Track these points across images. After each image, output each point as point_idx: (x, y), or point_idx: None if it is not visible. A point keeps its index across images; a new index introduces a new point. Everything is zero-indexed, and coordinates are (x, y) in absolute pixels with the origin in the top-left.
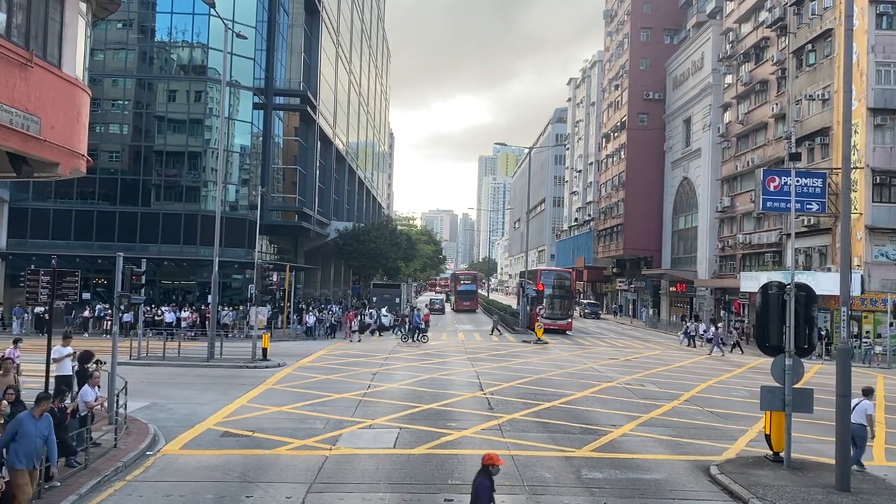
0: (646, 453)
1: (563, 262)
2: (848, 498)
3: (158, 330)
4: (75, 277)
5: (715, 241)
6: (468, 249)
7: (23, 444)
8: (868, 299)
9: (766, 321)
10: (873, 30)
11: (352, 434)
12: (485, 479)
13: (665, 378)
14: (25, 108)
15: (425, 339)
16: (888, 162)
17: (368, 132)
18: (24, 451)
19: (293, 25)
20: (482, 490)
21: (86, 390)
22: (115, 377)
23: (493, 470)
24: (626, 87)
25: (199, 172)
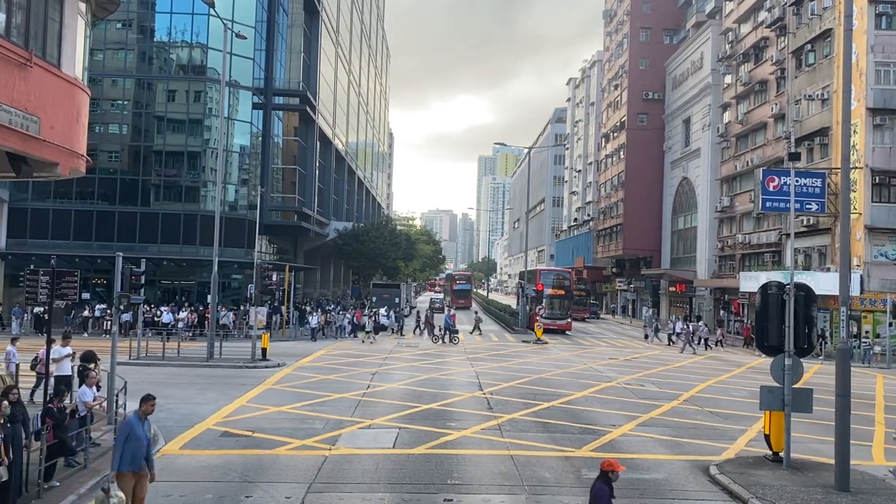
0: (645, 453)
1: (562, 262)
2: (848, 498)
3: (158, 330)
4: (75, 277)
5: (714, 241)
6: (468, 249)
7: (131, 447)
8: (867, 299)
9: (766, 321)
10: (873, 30)
11: (351, 434)
12: (604, 486)
13: (665, 378)
14: (25, 107)
15: (457, 339)
16: (887, 162)
17: (368, 132)
18: (132, 453)
19: (292, 25)
20: (601, 496)
21: (84, 390)
22: (115, 377)
23: (613, 476)
24: (625, 87)
25: (199, 172)
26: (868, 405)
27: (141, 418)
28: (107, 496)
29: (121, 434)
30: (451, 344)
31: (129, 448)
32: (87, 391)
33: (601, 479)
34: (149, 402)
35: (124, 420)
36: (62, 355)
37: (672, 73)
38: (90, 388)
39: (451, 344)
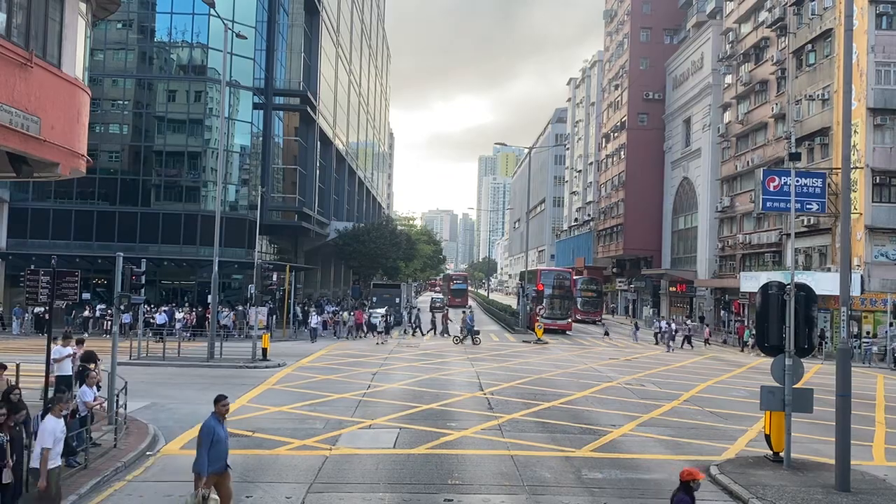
0: (646, 453)
1: (562, 262)
2: (848, 498)
3: (153, 331)
4: (75, 277)
5: (715, 241)
6: (468, 249)
7: (216, 450)
8: (868, 299)
9: (766, 321)
10: (873, 30)
11: (351, 434)
12: (685, 496)
13: (665, 378)
14: (25, 108)
15: (478, 340)
16: (888, 162)
17: (368, 132)
18: (216, 455)
19: (293, 25)
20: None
21: (84, 390)
22: (115, 377)
23: (694, 485)
24: (625, 87)
25: (199, 172)
26: (868, 405)
27: (219, 419)
28: (205, 501)
29: (204, 437)
30: (472, 345)
31: (214, 451)
32: (88, 391)
33: (682, 489)
34: (222, 403)
35: (204, 424)
36: (63, 355)
37: (672, 73)
38: (90, 388)
39: (473, 345)
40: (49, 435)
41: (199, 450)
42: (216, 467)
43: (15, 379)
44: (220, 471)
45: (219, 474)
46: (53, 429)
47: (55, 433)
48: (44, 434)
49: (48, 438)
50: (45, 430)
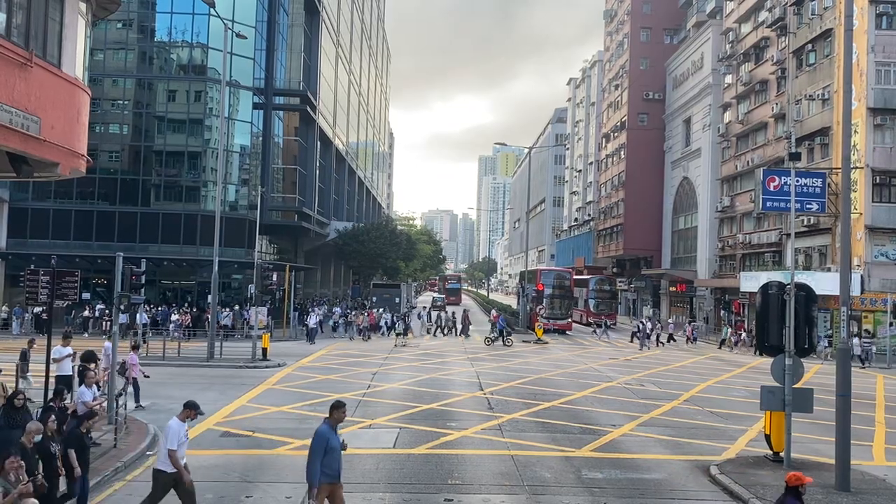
0: (646, 453)
1: (562, 262)
2: (848, 498)
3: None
4: (75, 277)
5: (715, 241)
6: (468, 249)
7: (329, 458)
8: (868, 299)
9: (766, 321)
10: (873, 30)
11: (351, 434)
12: (794, 500)
13: (665, 378)
14: (25, 107)
15: (510, 341)
16: (888, 162)
17: (368, 132)
18: (330, 464)
19: (293, 25)
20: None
21: (83, 390)
22: (115, 377)
23: (802, 490)
24: (625, 87)
25: (199, 172)
26: (868, 405)
27: (332, 427)
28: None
29: (317, 446)
30: (504, 346)
31: (327, 460)
32: (86, 391)
33: (790, 493)
34: (340, 410)
35: (318, 432)
36: (63, 355)
37: (672, 73)
38: (89, 388)
39: (505, 346)
40: (174, 437)
41: (312, 458)
42: (329, 477)
43: (15, 380)
44: (334, 481)
45: (332, 485)
46: (178, 431)
47: (179, 436)
48: (168, 436)
49: (173, 440)
50: (170, 432)
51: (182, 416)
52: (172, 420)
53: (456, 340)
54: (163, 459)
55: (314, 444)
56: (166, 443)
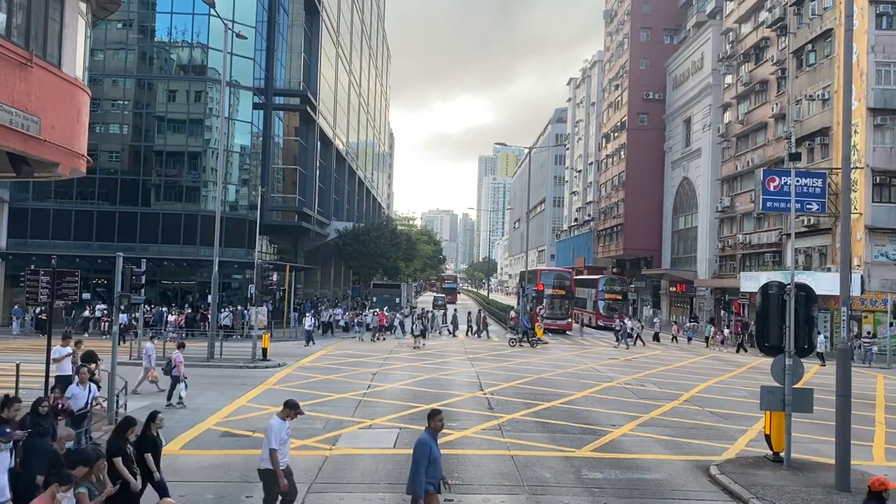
0: (646, 453)
1: (563, 262)
2: (848, 498)
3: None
4: (75, 277)
5: (715, 241)
6: (468, 249)
7: (433, 468)
8: (868, 299)
9: (766, 321)
10: (873, 30)
11: (352, 434)
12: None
13: (665, 378)
14: (25, 108)
15: (535, 342)
16: (888, 162)
17: (368, 132)
18: (433, 473)
19: (293, 25)
20: None
21: (74, 391)
22: (115, 377)
23: (886, 495)
24: (626, 87)
25: (199, 172)
26: (868, 405)
27: (433, 435)
28: None
29: (421, 455)
30: (530, 347)
31: (430, 470)
32: (79, 391)
33: (874, 499)
34: (437, 418)
35: (420, 441)
36: (62, 355)
37: (672, 73)
38: (82, 388)
39: (531, 347)
40: (275, 436)
41: (416, 468)
42: (430, 487)
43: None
44: (435, 490)
45: (431, 494)
46: (279, 430)
47: (280, 434)
48: (270, 435)
49: (274, 439)
50: (271, 432)
51: (282, 415)
52: (273, 419)
53: (456, 340)
54: (266, 458)
55: (418, 453)
56: (268, 442)
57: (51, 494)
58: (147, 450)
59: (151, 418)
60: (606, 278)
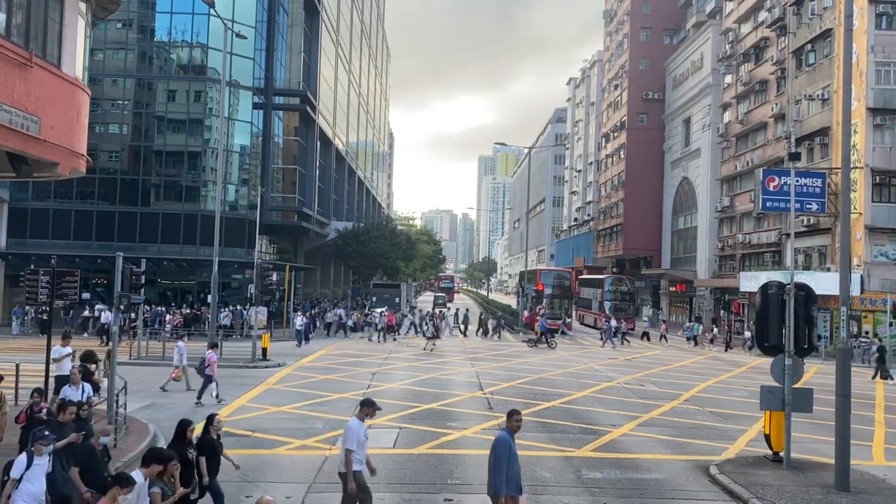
0: (646, 453)
1: (562, 261)
2: (848, 498)
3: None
4: (75, 277)
5: (714, 241)
6: (468, 249)
7: (512, 468)
8: (868, 299)
9: (766, 321)
10: (873, 30)
11: None
12: None
13: (665, 378)
14: (25, 107)
15: (554, 343)
16: (888, 162)
17: (368, 132)
18: (512, 474)
19: (293, 25)
20: None
21: (66, 391)
22: (115, 377)
23: None
24: (625, 87)
25: (199, 172)
26: (868, 405)
27: (511, 434)
28: None
29: (500, 455)
30: (548, 347)
31: (510, 470)
32: (71, 392)
33: None
34: (516, 417)
35: (499, 439)
36: (62, 355)
37: (672, 73)
38: (75, 388)
39: (549, 347)
40: (353, 437)
41: (496, 468)
42: (513, 489)
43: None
44: (515, 493)
45: (513, 497)
46: (358, 431)
47: (359, 436)
48: (348, 436)
49: (352, 440)
50: (349, 433)
51: (360, 416)
52: (352, 420)
53: (456, 340)
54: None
55: (498, 453)
56: (345, 443)
57: (112, 497)
58: (204, 453)
59: (209, 421)
60: (613, 278)
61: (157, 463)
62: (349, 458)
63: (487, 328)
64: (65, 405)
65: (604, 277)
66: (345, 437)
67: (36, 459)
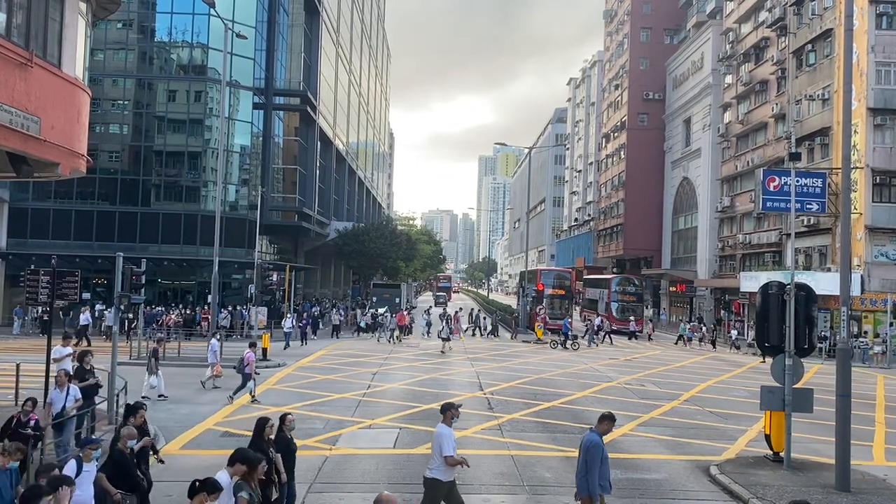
0: (646, 453)
1: (563, 262)
2: (848, 498)
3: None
4: (75, 277)
5: (715, 241)
6: (468, 249)
7: (605, 468)
8: (868, 299)
9: (766, 321)
10: (873, 30)
11: (352, 434)
12: None
13: (665, 378)
14: (25, 107)
15: (577, 346)
16: (888, 162)
17: (368, 132)
18: (605, 475)
19: (293, 25)
20: None
21: (55, 395)
22: (115, 377)
23: None
24: (626, 87)
25: (199, 172)
26: (868, 405)
27: (601, 437)
28: None
29: (594, 456)
30: (572, 350)
31: (603, 470)
32: (55, 395)
33: None
34: (608, 421)
35: (593, 442)
36: (63, 355)
37: (672, 73)
38: (59, 391)
39: (572, 350)
40: (449, 442)
41: (591, 469)
42: (604, 489)
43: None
44: (607, 493)
45: (603, 497)
46: (451, 436)
47: (451, 440)
48: (444, 442)
49: (449, 446)
50: (444, 439)
51: (447, 420)
52: (440, 426)
53: (457, 340)
54: (438, 467)
55: (592, 454)
56: (442, 449)
57: (199, 503)
58: (279, 451)
59: (282, 419)
60: (620, 278)
61: (243, 463)
62: (453, 462)
63: (480, 327)
64: (135, 408)
65: (611, 277)
66: (440, 444)
67: (85, 465)
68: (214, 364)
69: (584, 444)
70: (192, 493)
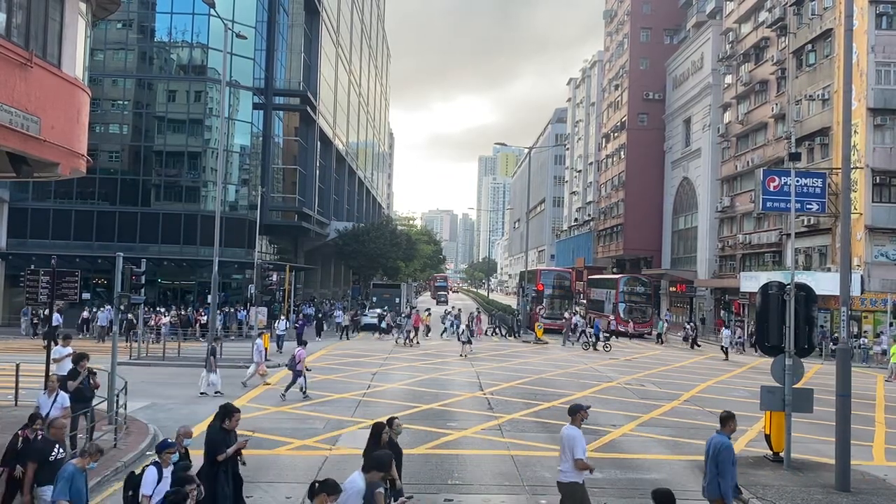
0: (646, 453)
1: (562, 262)
2: (848, 498)
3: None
4: (75, 277)
5: (715, 241)
6: (468, 249)
7: (735, 469)
8: (868, 299)
9: (766, 321)
10: (873, 30)
11: (352, 434)
12: None
13: (665, 378)
14: (25, 107)
15: (608, 347)
16: (888, 162)
17: (368, 132)
18: (734, 476)
19: (293, 25)
20: None
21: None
22: (115, 377)
23: None
24: (625, 87)
25: (199, 172)
26: (868, 405)
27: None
28: None
29: (727, 458)
30: (604, 350)
31: (734, 472)
32: (43, 400)
33: None
34: (730, 424)
35: (725, 444)
36: (63, 355)
37: (672, 74)
38: (47, 396)
39: (604, 350)
40: (581, 445)
41: (725, 471)
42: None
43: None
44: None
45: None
46: (583, 438)
47: (583, 443)
48: (576, 445)
49: (581, 448)
50: (576, 441)
51: (577, 422)
52: (570, 428)
53: (456, 341)
54: (570, 470)
55: (724, 456)
56: (574, 452)
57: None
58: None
59: (389, 423)
60: (628, 277)
61: (378, 469)
62: (584, 465)
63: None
64: (230, 411)
65: (618, 277)
66: (573, 445)
67: (164, 472)
68: (259, 364)
69: (712, 448)
70: (313, 493)
